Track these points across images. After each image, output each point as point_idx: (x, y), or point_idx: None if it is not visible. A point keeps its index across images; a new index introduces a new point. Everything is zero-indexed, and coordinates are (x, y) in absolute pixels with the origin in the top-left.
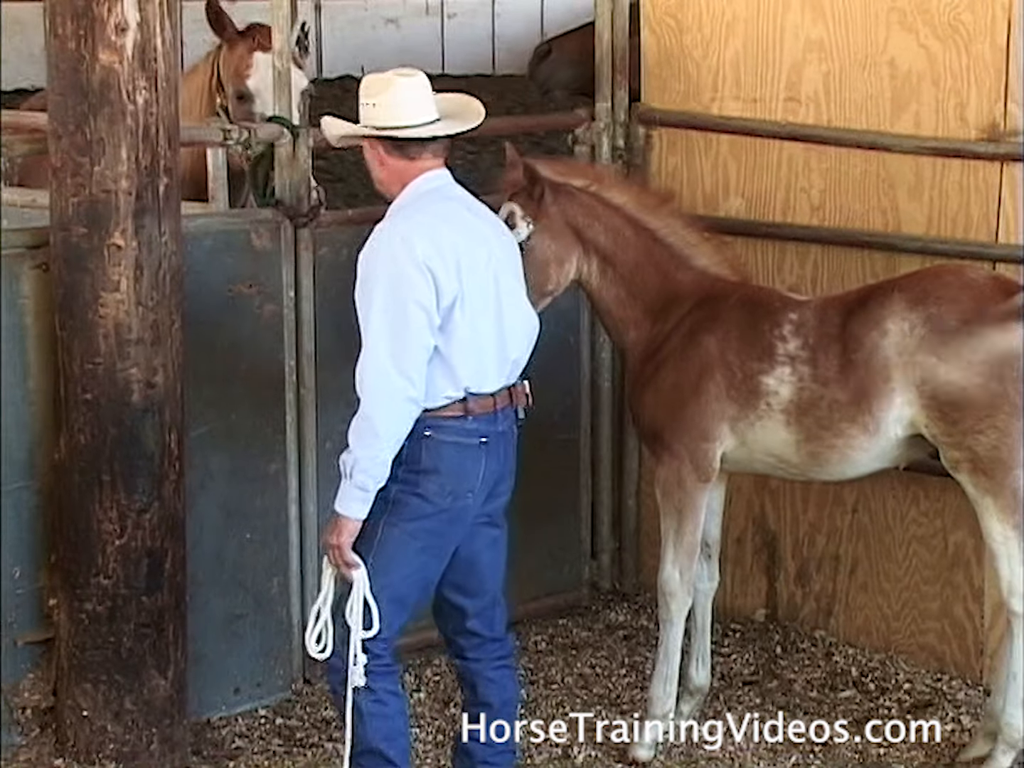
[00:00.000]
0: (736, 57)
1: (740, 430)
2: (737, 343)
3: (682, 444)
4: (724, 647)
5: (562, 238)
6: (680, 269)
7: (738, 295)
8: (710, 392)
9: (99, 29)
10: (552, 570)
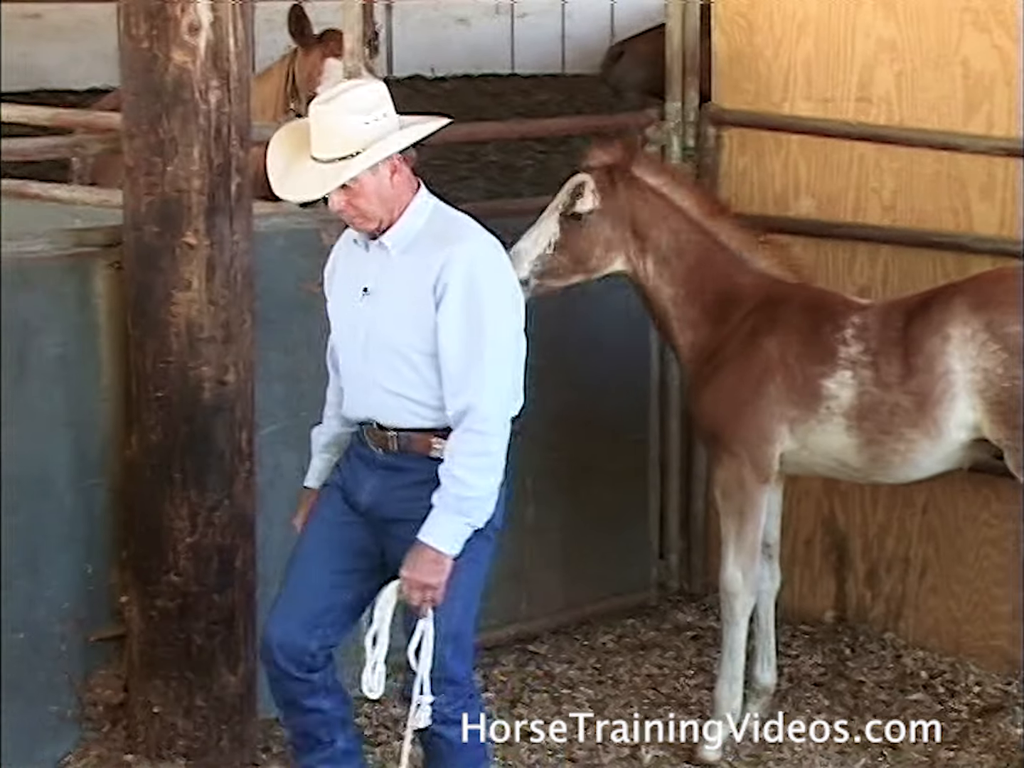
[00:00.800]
0: (807, 57)
1: (800, 433)
2: (798, 346)
3: (741, 446)
4: (792, 648)
5: (619, 228)
6: (740, 272)
7: (800, 298)
8: (770, 395)
9: (172, 29)
10: (620, 570)
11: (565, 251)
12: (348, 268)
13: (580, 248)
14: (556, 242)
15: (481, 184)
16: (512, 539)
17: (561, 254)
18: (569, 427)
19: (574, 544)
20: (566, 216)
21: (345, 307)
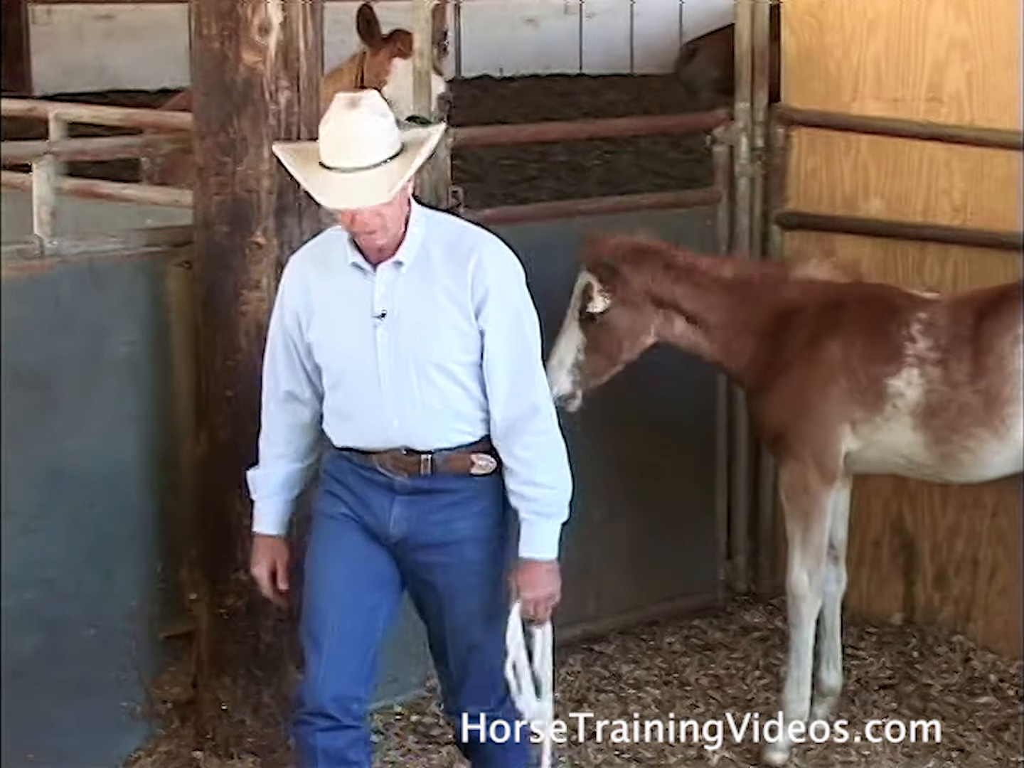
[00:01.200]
0: (877, 56)
1: (865, 432)
2: (862, 345)
3: (806, 447)
4: (860, 650)
5: (641, 308)
6: (785, 286)
7: (858, 296)
8: (834, 396)
9: (243, 29)
10: (687, 571)
11: (595, 352)
12: (340, 295)
13: (608, 344)
14: (584, 346)
15: (550, 184)
16: (580, 539)
17: (593, 355)
18: (637, 427)
19: (641, 544)
20: (584, 320)
21: (349, 336)
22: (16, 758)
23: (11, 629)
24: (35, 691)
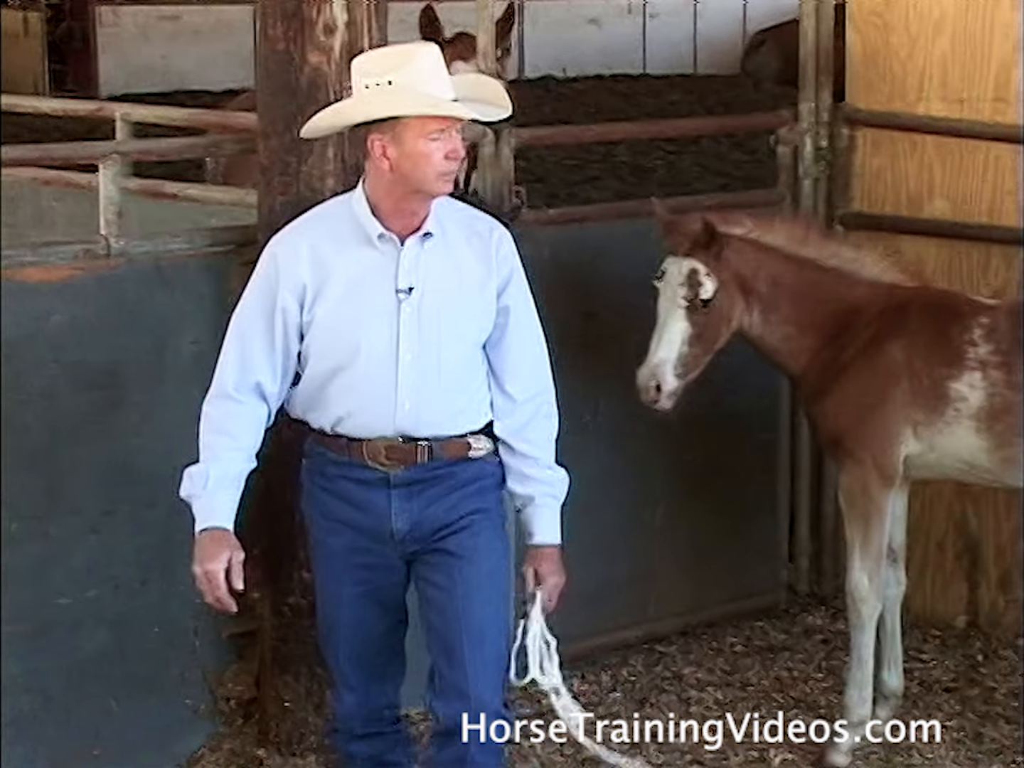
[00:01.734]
0: (943, 56)
1: (926, 436)
2: (924, 349)
3: (866, 450)
4: (924, 653)
5: (732, 294)
6: (850, 286)
7: (921, 300)
8: (896, 399)
9: (308, 30)
10: (749, 572)
11: (699, 341)
12: (359, 269)
13: (712, 333)
14: (690, 337)
15: (612, 184)
16: (641, 540)
17: (696, 346)
18: (698, 428)
19: (703, 545)
20: (692, 308)
21: (369, 312)
22: (82, 754)
23: (77, 627)
24: (100, 688)
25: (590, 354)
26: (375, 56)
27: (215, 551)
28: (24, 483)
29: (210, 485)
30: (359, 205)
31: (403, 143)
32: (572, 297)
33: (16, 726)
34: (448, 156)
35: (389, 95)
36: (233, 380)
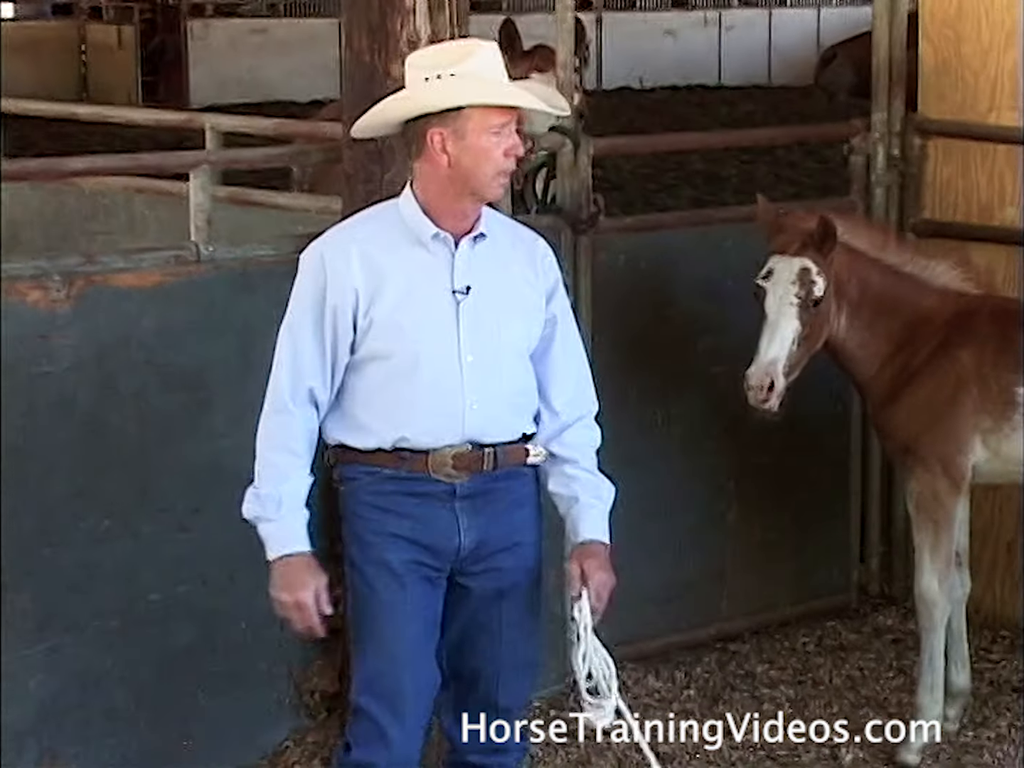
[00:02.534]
0: (1015, 67)
1: (993, 442)
2: (993, 355)
3: (936, 457)
4: (993, 654)
5: (833, 297)
6: (923, 294)
7: (988, 308)
8: (966, 405)
9: (392, 43)
10: (821, 573)
11: (806, 341)
12: (414, 270)
13: (817, 332)
14: (799, 336)
15: (687, 192)
16: (714, 540)
17: (802, 346)
18: (769, 431)
19: (775, 546)
20: (804, 307)
21: (428, 314)
22: (172, 746)
23: (166, 622)
24: (189, 682)
25: (663, 357)
26: (433, 51)
27: (303, 579)
28: (116, 482)
29: (283, 509)
30: (408, 207)
31: (465, 136)
32: (646, 302)
33: (109, 718)
34: (507, 153)
35: (453, 87)
36: (289, 391)
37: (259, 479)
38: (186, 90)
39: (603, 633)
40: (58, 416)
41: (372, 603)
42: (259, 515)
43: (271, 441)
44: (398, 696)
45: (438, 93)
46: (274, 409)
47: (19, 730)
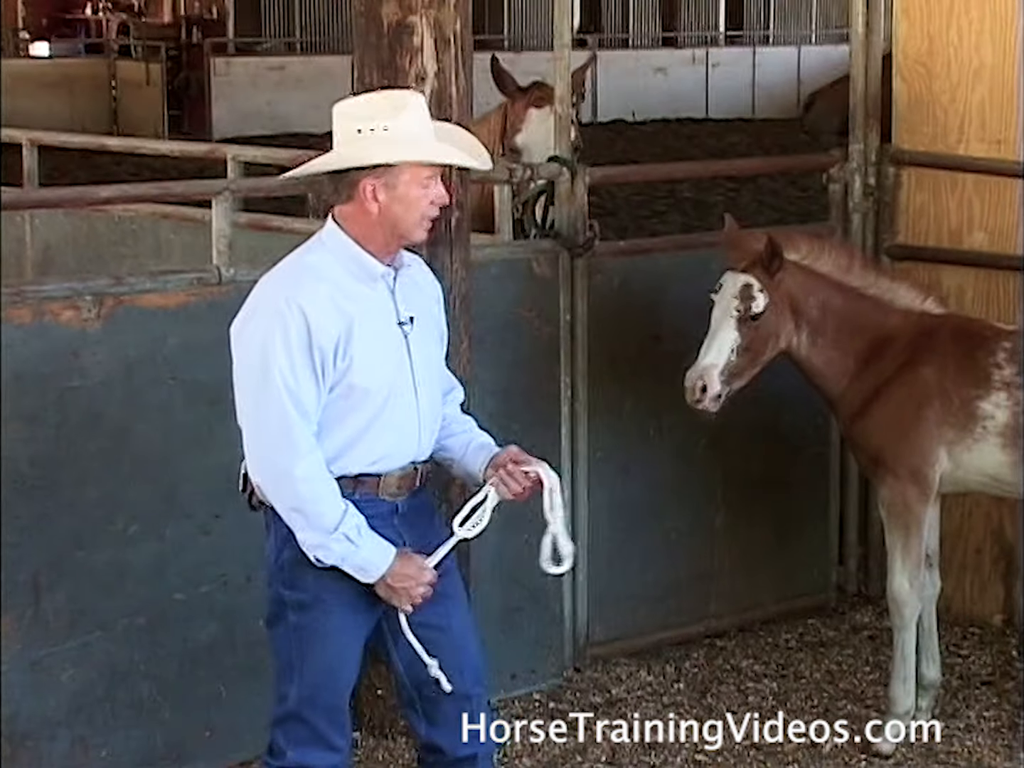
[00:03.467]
0: (982, 101)
1: (957, 453)
2: (954, 372)
3: (904, 467)
4: (963, 649)
5: (783, 315)
6: (887, 314)
7: (949, 327)
8: (929, 419)
9: (401, 79)
10: (802, 573)
11: (746, 353)
12: (370, 308)
13: (759, 346)
14: (738, 347)
15: (677, 218)
16: (702, 543)
17: (743, 357)
18: (755, 441)
19: (760, 548)
20: (743, 320)
21: (388, 347)
22: (195, 736)
23: (190, 619)
24: (210, 675)
25: (656, 374)
26: (365, 101)
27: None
28: (142, 489)
29: (363, 531)
30: (350, 246)
31: (396, 187)
32: (639, 322)
33: (136, 709)
34: (434, 202)
35: (388, 142)
36: (305, 436)
37: (325, 516)
38: (209, 123)
39: (598, 629)
40: (88, 428)
41: (321, 623)
42: (345, 555)
43: (313, 471)
44: (337, 710)
45: (375, 148)
46: (301, 454)
47: (52, 721)
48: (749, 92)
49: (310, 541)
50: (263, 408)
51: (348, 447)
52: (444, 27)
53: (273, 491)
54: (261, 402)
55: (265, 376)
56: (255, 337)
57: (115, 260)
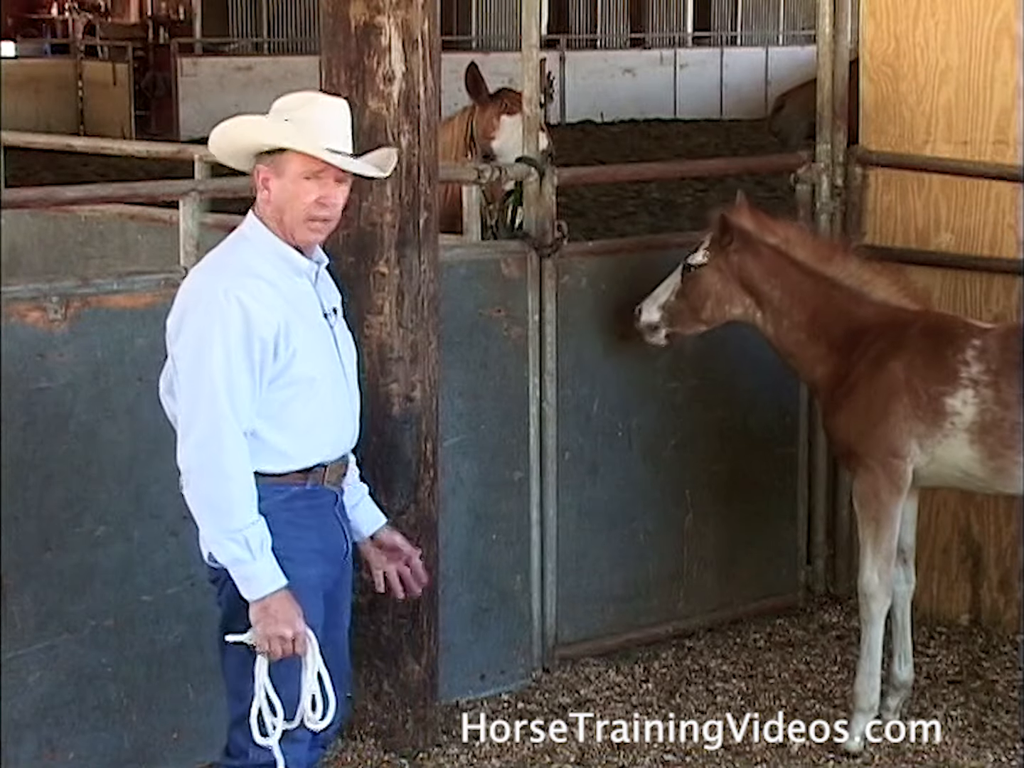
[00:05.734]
0: (948, 103)
1: (929, 447)
2: (922, 367)
3: (875, 460)
4: (930, 648)
5: (730, 285)
6: (861, 305)
7: (921, 323)
8: (898, 412)
9: (369, 79)
10: (770, 574)
11: (684, 300)
12: (299, 301)
13: (695, 298)
14: (677, 290)
15: (645, 219)
16: (671, 544)
17: (680, 301)
18: (723, 442)
19: (728, 549)
20: (686, 268)
21: (318, 339)
22: (163, 738)
23: (158, 621)
24: (179, 678)
25: (624, 373)
26: (292, 96)
27: (296, 609)
28: (110, 490)
29: (265, 549)
30: (274, 240)
31: (283, 175)
32: (608, 322)
33: (103, 711)
34: (320, 200)
35: (281, 126)
36: (234, 434)
37: (234, 517)
38: (176, 123)
39: (567, 630)
40: (56, 429)
41: None
42: (241, 558)
43: (236, 469)
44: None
45: (265, 130)
46: (227, 450)
47: (19, 723)
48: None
49: (210, 536)
50: (195, 401)
51: (303, 437)
52: (412, 28)
53: (195, 481)
54: (193, 395)
55: (199, 369)
56: (191, 329)
57: (82, 261)
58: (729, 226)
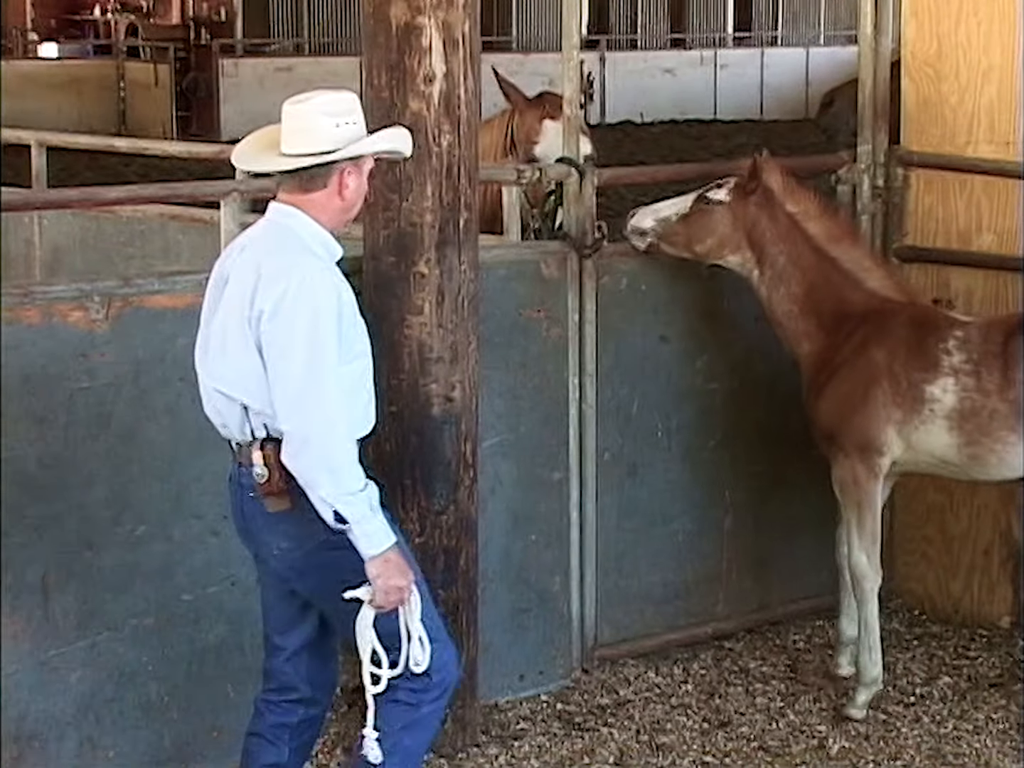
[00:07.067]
0: (990, 103)
1: (906, 434)
2: (904, 355)
3: (853, 445)
4: (971, 651)
5: (738, 233)
6: (853, 290)
7: (907, 313)
8: (877, 399)
9: (409, 80)
10: (810, 574)
11: (686, 225)
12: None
13: (697, 228)
14: (682, 214)
15: None
16: (710, 545)
17: (679, 223)
18: (763, 443)
19: (768, 550)
20: (701, 198)
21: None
22: (202, 736)
23: (198, 620)
24: (218, 676)
25: (663, 374)
26: (333, 98)
27: (409, 560)
28: (151, 489)
29: (376, 506)
30: (322, 232)
31: (361, 175)
32: (647, 323)
33: (143, 710)
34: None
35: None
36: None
37: (354, 477)
38: (217, 124)
39: (606, 631)
40: (97, 429)
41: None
42: (363, 516)
43: (351, 449)
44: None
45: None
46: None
47: (60, 721)
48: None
49: (332, 496)
50: (310, 372)
51: (364, 408)
52: (453, 28)
53: (317, 445)
54: (308, 366)
55: (313, 341)
56: (303, 307)
57: (123, 261)
58: (759, 178)
